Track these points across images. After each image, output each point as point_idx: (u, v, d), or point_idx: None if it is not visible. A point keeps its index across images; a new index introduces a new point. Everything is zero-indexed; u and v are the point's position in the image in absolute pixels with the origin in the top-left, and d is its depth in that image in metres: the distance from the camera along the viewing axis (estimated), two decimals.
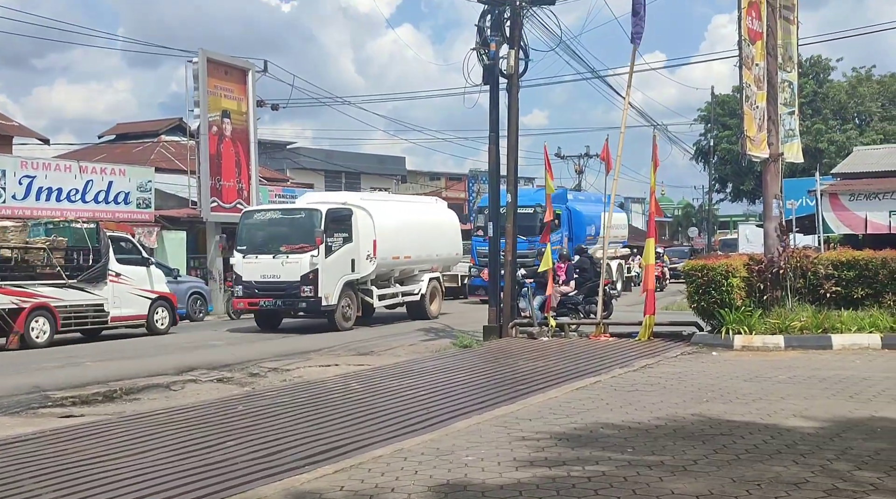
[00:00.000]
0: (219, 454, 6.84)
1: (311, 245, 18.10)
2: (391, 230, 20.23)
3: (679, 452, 6.28)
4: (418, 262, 21.69)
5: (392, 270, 20.85)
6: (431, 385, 10.21)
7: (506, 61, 15.81)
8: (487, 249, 25.87)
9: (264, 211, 20.30)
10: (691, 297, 13.96)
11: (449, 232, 23.48)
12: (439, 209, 24.19)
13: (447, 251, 23.16)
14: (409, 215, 21.92)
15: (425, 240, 21.82)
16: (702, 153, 54.99)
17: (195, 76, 25.43)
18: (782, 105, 14.71)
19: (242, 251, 18.86)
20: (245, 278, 18.65)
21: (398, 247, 20.56)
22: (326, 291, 18.22)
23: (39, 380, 11.62)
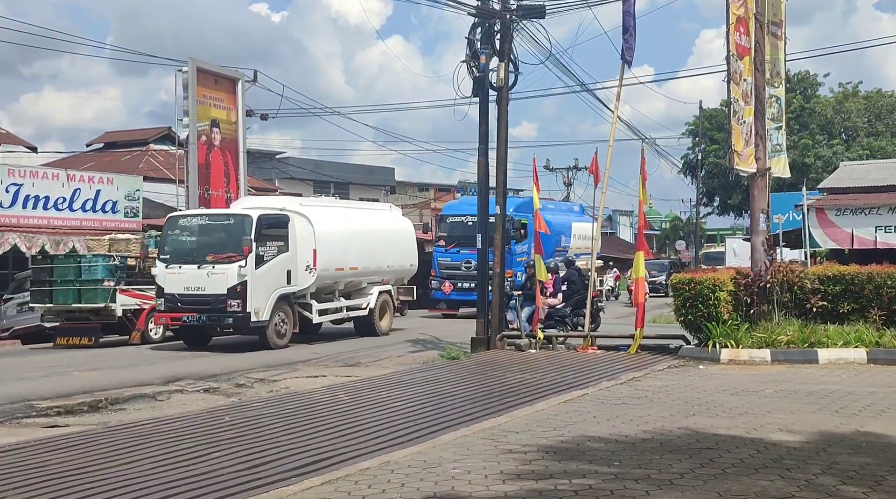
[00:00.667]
0: (205, 465, 6.81)
1: (239, 255, 16.41)
2: (335, 239, 18.65)
3: (666, 465, 6.29)
4: (367, 273, 20.06)
5: (336, 283, 19.20)
6: (419, 397, 10.20)
7: (495, 74, 15.86)
8: (449, 260, 25.46)
9: (190, 216, 18.08)
10: (678, 310, 14.00)
11: (403, 242, 21.80)
12: (393, 218, 22.60)
13: (400, 263, 21.50)
14: (357, 223, 20.25)
15: (375, 250, 20.22)
16: (689, 167, 55.26)
17: (185, 85, 25.42)
18: (770, 120, 14.80)
19: (165, 261, 17.11)
20: (167, 291, 16.82)
21: (343, 257, 18.99)
22: (256, 306, 16.45)
23: (24, 389, 11.55)
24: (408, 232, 22.43)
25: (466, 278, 24.55)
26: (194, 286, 16.67)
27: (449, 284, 25.42)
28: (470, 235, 23.10)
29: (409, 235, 22.33)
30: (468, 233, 23.25)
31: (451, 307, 25.71)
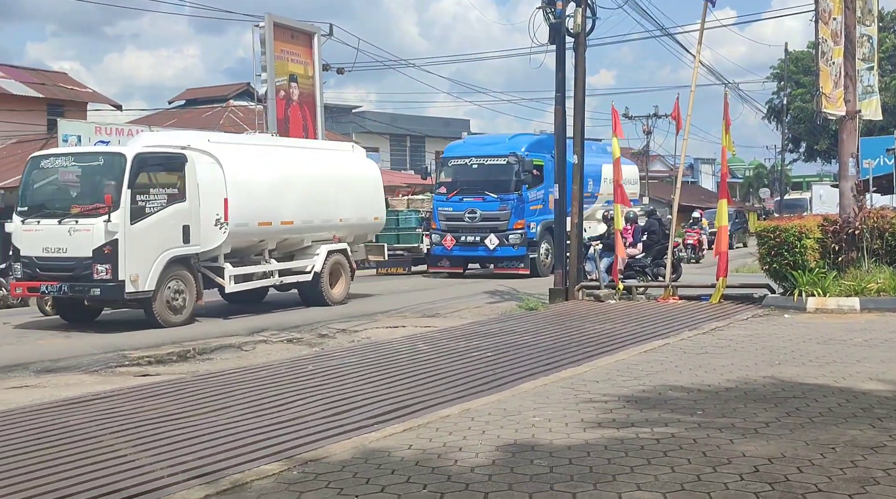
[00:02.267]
0: (290, 412, 6.97)
1: (107, 206, 12.71)
2: (258, 186, 15.05)
3: (750, 414, 6.19)
4: (309, 229, 16.27)
5: (263, 241, 15.42)
6: (497, 346, 10.23)
7: (572, 20, 15.56)
8: (451, 209, 22.32)
9: (54, 156, 14.06)
10: (763, 258, 13.69)
11: (364, 190, 17.72)
12: (352, 160, 18.20)
13: (360, 215, 17.49)
14: (294, 166, 16.20)
15: (322, 200, 16.41)
16: (774, 112, 53.62)
17: (262, 41, 25.64)
18: (860, 60, 14.21)
19: (23, 214, 13.42)
20: (24, 253, 13.25)
21: (271, 209, 15.19)
22: (133, 272, 12.85)
23: (116, 340, 11.97)
24: (372, 178, 18.25)
25: (471, 230, 22.33)
26: (55, 247, 13.02)
27: (451, 238, 22.52)
28: (475, 179, 22.32)
29: (372, 181, 18.21)
30: (473, 177, 22.44)
31: (455, 264, 23.07)
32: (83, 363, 10.18)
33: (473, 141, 25.94)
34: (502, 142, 23.43)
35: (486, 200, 22.02)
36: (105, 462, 5.65)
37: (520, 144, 22.83)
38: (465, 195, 22.42)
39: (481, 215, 22.02)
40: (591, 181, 24.17)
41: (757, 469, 4.88)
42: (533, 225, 22.12)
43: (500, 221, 21.85)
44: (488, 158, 22.58)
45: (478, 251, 22.29)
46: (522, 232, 21.74)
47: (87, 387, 8.69)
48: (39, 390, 8.65)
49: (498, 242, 21.66)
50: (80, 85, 32.73)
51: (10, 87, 28.50)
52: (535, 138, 24.16)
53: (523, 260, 21.85)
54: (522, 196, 21.85)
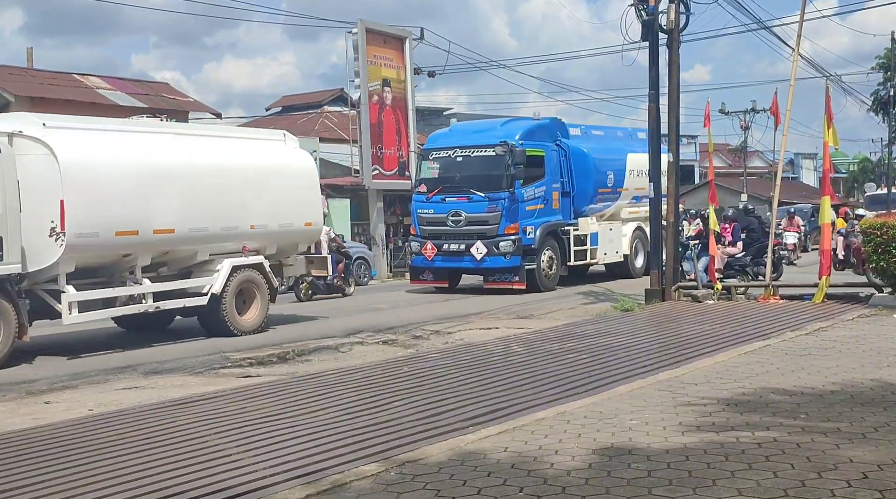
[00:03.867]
0: (386, 414, 7.07)
1: None
2: (115, 183, 11.67)
3: (857, 418, 5.99)
4: (203, 240, 12.82)
5: (129, 256, 12.06)
6: (592, 348, 10.15)
7: (665, 16, 15.32)
8: (432, 211, 18.71)
9: None
10: (870, 256, 13.21)
11: (290, 189, 14.07)
12: (277, 152, 14.51)
13: (282, 220, 13.90)
14: (180, 159, 12.72)
15: (223, 202, 12.98)
16: (881, 104, 51.51)
17: (355, 47, 26.02)
18: None
19: None
20: None
21: (136, 213, 11.85)
22: None
23: (219, 342, 12.33)
24: (303, 174, 14.58)
25: (455, 237, 18.49)
26: None
27: (432, 246, 18.66)
28: (460, 175, 18.71)
29: (304, 178, 14.55)
30: (457, 173, 18.80)
31: (440, 277, 19.24)
32: (188, 365, 10.53)
33: (460, 128, 21.61)
34: (493, 129, 19.59)
35: (473, 199, 18.33)
36: (210, 462, 5.83)
37: (513, 131, 18.94)
38: (447, 194, 18.67)
39: (467, 218, 18.32)
40: (612, 174, 20.83)
41: (865, 476, 4.72)
42: (530, 229, 18.37)
43: (489, 224, 18.15)
44: (475, 148, 18.82)
45: (463, 262, 18.53)
46: (516, 238, 18.00)
47: (192, 388, 8.99)
48: (148, 391, 8.99)
49: (486, 251, 17.99)
50: (181, 94, 33.82)
51: (116, 98, 29.64)
52: (532, 124, 19.78)
53: (517, 272, 18.13)
54: (515, 194, 18.17)
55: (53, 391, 9.18)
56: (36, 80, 28.92)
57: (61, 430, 7.09)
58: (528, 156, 18.36)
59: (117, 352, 11.77)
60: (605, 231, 20.61)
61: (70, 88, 29.15)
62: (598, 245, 20.25)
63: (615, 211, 21.29)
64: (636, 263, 21.81)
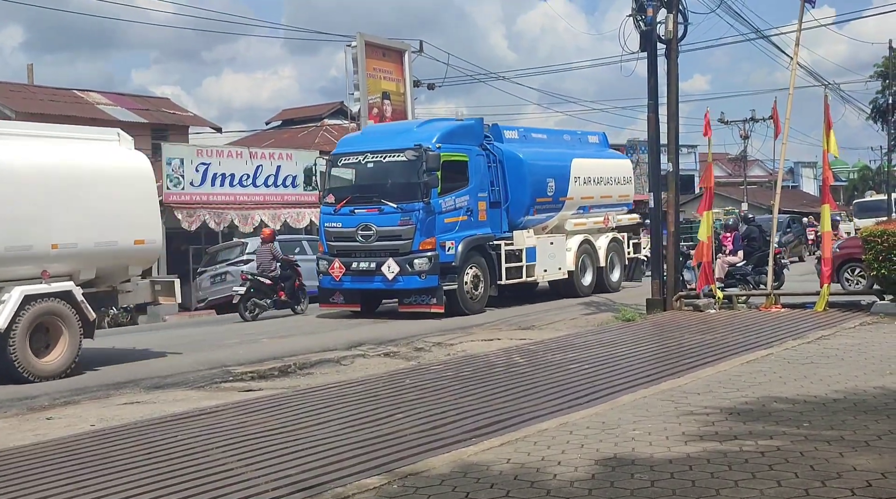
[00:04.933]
0: (389, 426, 7.05)
1: None
2: None
3: (860, 427, 5.97)
4: None
5: None
6: (594, 359, 10.13)
7: (664, 26, 15.35)
8: (340, 225, 16.45)
9: None
10: (870, 264, 13.19)
11: (115, 199, 11.68)
12: (97, 152, 11.91)
13: (101, 237, 11.44)
14: None
15: (10, 214, 10.52)
16: (879, 112, 51.56)
17: (354, 60, 26.14)
18: None
19: None
20: None
21: None
22: None
23: (221, 356, 12.32)
24: (135, 180, 12.14)
25: (365, 254, 16.29)
26: None
27: (339, 265, 16.39)
28: (371, 183, 16.51)
29: (135, 185, 12.12)
30: (368, 181, 16.61)
31: (351, 300, 16.93)
32: (190, 379, 10.52)
33: (374, 130, 19.34)
34: (409, 131, 17.32)
35: (384, 211, 16.13)
36: (213, 476, 5.82)
37: (431, 133, 16.67)
38: (357, 206, 16.43)
39: (377, 233, 16.10)
40: (553, 182, 18.45)
41: (869, 484, 4.70)
42: (449, 244, 16.13)
43: (402, 239, 15.96)
44: (387, 153, 16.47)
45: (374, 282, 16.23)
46: (432, 255, 15.82)
47: (193, 402, 8.97)
48: (150, 406, 8.97)
49: (399, 270, 15.82)
50: (181, 109, 33.95)
51: (117, 114, 29.74)
52: (454, 125, 17.40)
53: (434, 293, 15.95)
54: (431, 205, 15.94)
55: (55, 407, 9.17)
56: (36, 97, 29.01)
57: (63, 446, 7.08)
58: (448, 161, 16.22)
59: (119, 367, 11.75)
60: (544, 245, 18.26)
61: (70, 104, 29.26)
62: (536, 261, 17.91)
63: (559, 223, 19.12)
64: (583, 280, 19.45)
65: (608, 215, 20.54)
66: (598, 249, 19.93)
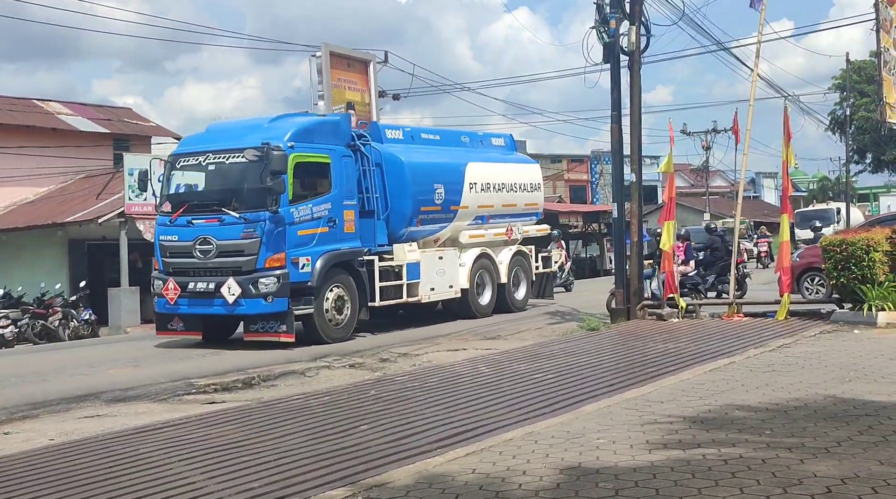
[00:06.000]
0: (352, 438, 7.02)
1: None
2: None
3: (821, 434, 6.05)
4: None
5: None
6: (560, 368, 10.17)
7: (626, 38, 15.50)
8: (175, 239, 14.15)
9: None
10: (830, 273, 13.39)
11: None
12: None
13: None
14: None
15: None
16: (837, 123, 52.53)
17: (319, 70, 25.97)
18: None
19: None
20: None
21: None
22: None
23: (184, 368, 12.19)
24: None
25: (204, 272, 13.93)
26: None
27: (174, 286, 14.00)
28: (215, 189, 14.36)
29: None
30: (209, 186, 14.50)
31: (192, 326, 14.58)
32: (152, 392, 10.39)
33: (220, 128, 16.02)
34: (258, 127, 14.73)
35: (225, 222, 13.79)
36: (175, 489, 5.75)
37: (284, 129, 14.36)
38: (195, 215, 14.08)
39: (218, 248, 13.75)
40: (442, 189, 16.58)
41: (829, 490, 4.76)
42: (304, 260, 13.85)
43: (245, 255, 13.61)
44: (230, 153, 14.08)
45: (214, 306, 13.83)
46: (281, 273, 13.50)
47: (156, 415, 8.87)
48: (111, 419, 8.85)
49: (240, 292, 13.45)
50: (143, 119, 33.60)
51: (77, 124, 29.36)
52: (312, 122, 15.16)
53: (284, 319, 13.65)
54: (281, 214, 13.62)
55: (12, 421, 9.01)
56: None
57: (20, 461, 6.95)
58: (304, 163, 14.13)
59: (80, 379, 11.57)
60: (431, 260, 16.36)
61: (31, 114, 28.84)
62: (421, 278, 16.02)
63: (451, 235, 17.26)
64: (480, 299, 17.66)
65: (512, 226, 18.74)
66: (500, 264, 18.08)
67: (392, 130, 17.11)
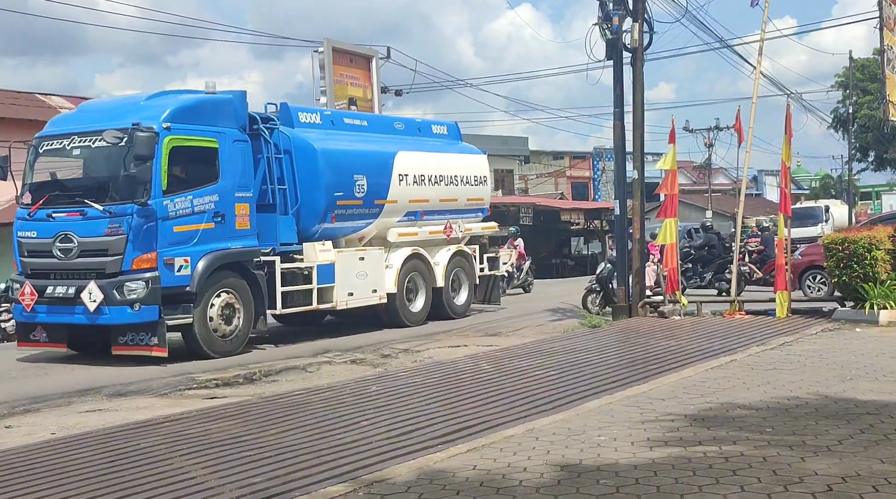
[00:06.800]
0: (354, 434, 7.02)
1: None
2: None
3: (821, 432, 6.05)
4: None
5: None
6: (561, 365, 10.17)
7: (629, 35, 15.49)
8: (34, 236, 12.21)
9: None
10: (832, 271, 13.39)
11: None
12: None
13: None
14: None
15: None
16: (840, 121, 52.44)
17: (321, 66, 25.99)
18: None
19: None
20: None
21: None
22: None
23: (186, 363, 12.19)
24: None
25: (65, 274, 12.10)
26: None
27: (31, 290, 12.18)
28: (79, 178, 12.74)
29: None
30: (73, 173, 12.86)
31: (56, 337, 12.59)
32: (153, 387, 10.39)
33: (92, 107, 13.93)
34: (133, 105, 12.70)
35: (88, 215, 11.92)
36: (176, 484, 5.75)
37: (161, 107, 12.35)
38: (56, 208, 12.27)
39: (80, 245, 11.91)
40: (364, 180, 14.72)
41: (830, 488, 4.76)
42: (181, 261, 11.98)
43: (109, 255, 11.76)
44: (97, 135, 12.03)
45: (75, 315, 11.97)
46: (151, 276, 11.68)
47: (157, 410, 8.87)
48: (112, 414, 8.85)
49: (102, 297, 11.64)
50: None
51: None
52: (196, 100, 12.96)
53: (155, 331, 11.80)
54: (151, 207, 11.75)
55: (14, 415, 9.01)
56: None
57: (22, 455, 6.96)
58: (184, 147, 12.23)
59: (81, 374, 11.58)
60: (349, 262, 14.52)
61: (32, 108, 28.82)
62: (336, 282, 14.17)
63: (379, 233, 15.44)
64: (410, 306, 15.86)
65: (451, 224, 16.81)
66: (435, 265, 16.25)
67: (307, 113, 14.92)
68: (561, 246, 36.93)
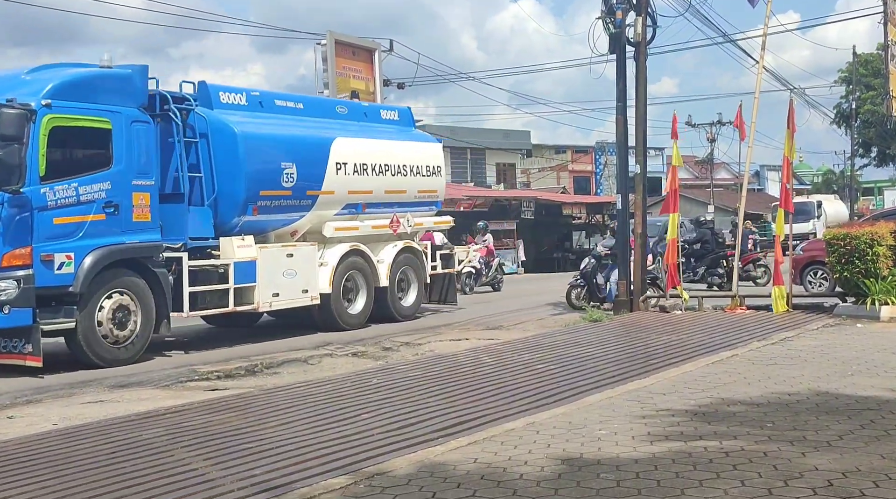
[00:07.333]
0: (354, 427, 7.03)
1: None
2: None
3: (822, 427, 6.05)
4: None
5: None
6: (562, 359, 10.17)
7: (633, 29, 15.46)
8: None
9: None
10: (833, 267, 13.39)
11: None
12: None
13: None
14: None
15: None
16: (843, 117, 52.40)
17: (324, 58, 26.00)
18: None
19: None
20: None
21: None
22: None
23: (187, 355, 12.21)
24: None
25: None
26: None
27: None
28: None
29: None
30: None
31: None
32: (155, 378, 10.41)
33: None
34: (13, 81, 11.07)
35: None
36: (177, 476, 5.76)
37: (42, 83, 10.86)
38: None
39: None
40: (294, 169, 13.30)
41: (831, 483, 4.77)
42: (62, 258, 10.58)
43: None
44: None
45: None
46: (24, 274, 10.27)
47: (159, 401, 8.88)
48: (114, 405, 8.86)
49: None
50: None
51: None
52: (85, 75, 11.50)
53: (29, 337, 10.38)
54: (24, 196, 10.33)
55: (17, 406, 9.02)
56: None
57: (24, 445, 6.97)
58: (68, 128, 10.88)
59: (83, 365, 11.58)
60: (274, 259, 13.07)
61: None
62: (258, 281, 12.76)
63: (313, 227, 14.08)
64: (349, 307, 14.52)
65: (399, 218, 15.44)
66: (378, 263, 14.85)
67: (230, 93, 13.39)
68: (562, 240, 36.94)
